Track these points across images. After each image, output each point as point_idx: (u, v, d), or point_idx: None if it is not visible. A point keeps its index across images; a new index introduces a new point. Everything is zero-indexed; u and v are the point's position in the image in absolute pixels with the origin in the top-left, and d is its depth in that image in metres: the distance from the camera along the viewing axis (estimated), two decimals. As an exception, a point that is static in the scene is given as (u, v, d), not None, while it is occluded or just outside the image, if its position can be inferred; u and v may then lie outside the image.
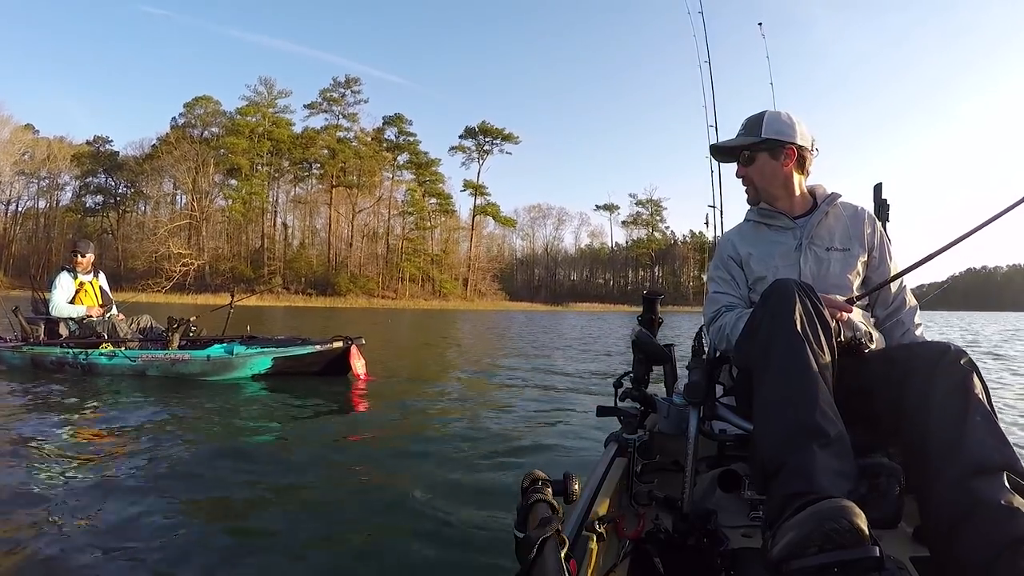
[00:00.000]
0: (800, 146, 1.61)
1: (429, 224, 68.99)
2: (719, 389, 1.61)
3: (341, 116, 66.03)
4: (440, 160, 70.27)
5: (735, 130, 1.71)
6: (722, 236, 1.93)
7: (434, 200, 69.83)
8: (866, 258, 1.61)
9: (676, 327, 18.02)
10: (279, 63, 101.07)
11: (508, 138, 70.35)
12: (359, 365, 5.92)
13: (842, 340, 1.34)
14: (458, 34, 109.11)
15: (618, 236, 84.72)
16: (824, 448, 1.06)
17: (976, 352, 10.69)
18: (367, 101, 66.77)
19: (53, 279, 6.14)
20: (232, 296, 7.17)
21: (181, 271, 51.32)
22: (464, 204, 73.25)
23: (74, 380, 5.52)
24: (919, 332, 1.62)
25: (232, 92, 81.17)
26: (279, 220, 64.67)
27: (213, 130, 61.98)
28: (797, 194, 1.65)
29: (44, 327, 6.17)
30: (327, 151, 63.88)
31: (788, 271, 1.59)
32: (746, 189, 1.72)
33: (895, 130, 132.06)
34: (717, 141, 1.81)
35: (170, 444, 3.38)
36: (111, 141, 63.73)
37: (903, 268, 1.55)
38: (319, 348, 5.89)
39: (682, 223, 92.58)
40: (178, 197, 61.89)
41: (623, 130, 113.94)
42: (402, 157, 68.84)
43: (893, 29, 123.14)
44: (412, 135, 68.90)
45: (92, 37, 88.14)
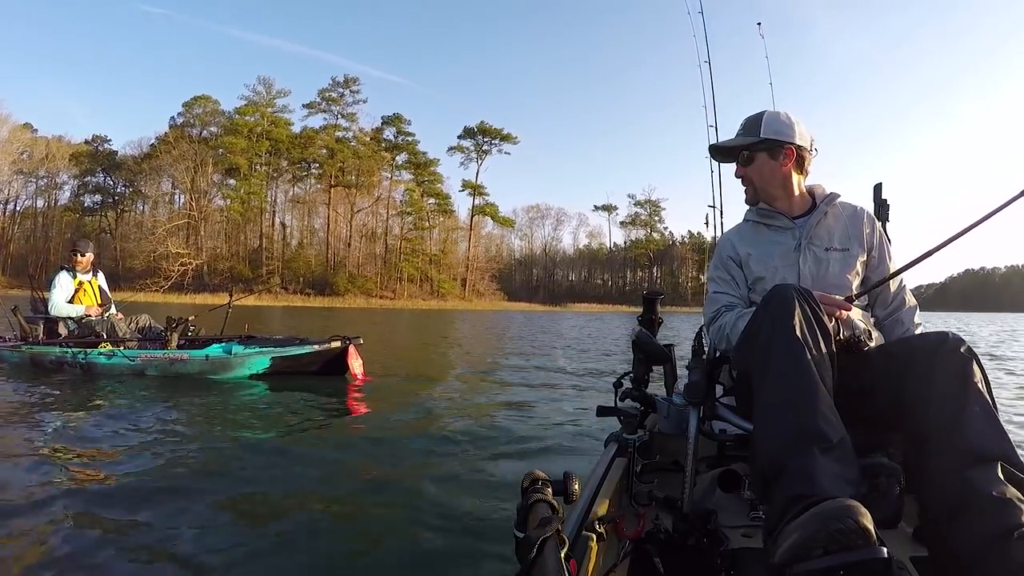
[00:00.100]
0: (799, 146, 1.61)
1: (427, 224, 68.86)
2: (719, 389, 1.61)
3: (340, 116, 65.97)
4: (439, 160, 70.32)
5: (735, 130, 1.71)
6: (721, 236, 1.93)
7: (433, 200, 69.75)
8: (865, 258, 1.61)
9: (674, 327, 18.04)
10: (278, 63, 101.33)
11: (507, 138, 70.39)
12: (357, 365, 5.93)
13: (841, 339, 1.34)
14: (458, 34, 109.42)
15: (616, 236, 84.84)
16: (826, 452, 1.04)
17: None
18: (366, 101, 66.73)
19: (52, 279, 6.13)
20: (230, 296, 7.17)
21: (179, 271, 51.23)
22: (463, 204, 73.33)
23: (73, 379, 5.51)
24: (919, 332, 1.62)
25: (231, 92, 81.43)
26: (277, 220, 64.57)
27: (212, 129, 61.85)
28: (796, 194, 1.65)
29: (43, 326, 6.17)
30: (326, 151, 63.75)
31: (787, 271, 1.59)
32: (745, 189, 1.72)
33: (895, 131, 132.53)
34: (717, 141, 1.81)
35: (169, 444, 3.38)
36: (109, 140, 63.66)
37: (902, 266, 1.54)
38: (317, 348, 5.89)
39: (680, 224, 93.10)
40: (176, 197, 61.79)
41: (622, 131, 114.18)
42: (401, 157, 68.83)
43: (893, 30, 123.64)
44: (411, 135, 68.95)
45: (91, 36, 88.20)
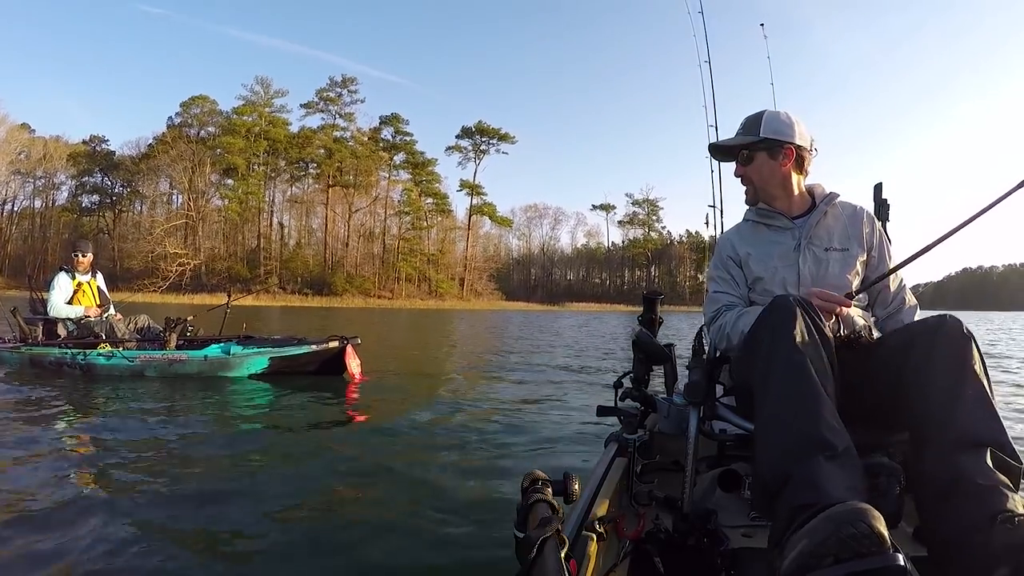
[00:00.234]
0: (799, 146, 1.61)
1: (425, 224, 68.89)
2: (719, 389, 1.61)
3: (338, 116, 66.00)
4: (436, 160, 70.36)
5: (735, 130, 1.71)
6: (721, 236, 1.93)
7: (430, 200, 69.78)
8: (865, 258, 1.61)
9: (673, 326, 18.06)
10: (276, 62, 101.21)
11: (504, 138, 70.43)
12: (354, 365, 5.93)
13: (842, 335, 1.34)
14: (458, 34, 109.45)
15: (614, 236, 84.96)
16: (831, 460, 1.01)
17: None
18: (364, 101, 67.10)
19: (51, 280, 6.13)
20: (229, 296, 7.15)
21: (177, 271, 51.09)
22: (460, 204, 73.30)
23: (73, 380, 5.49)
24: None
25: (229, 91, 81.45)
26: (275, 220, 64.45)
27: (209, 129, 61.74)
28: (795, 194, 1.65)
29: (42, 327, 6.16)
30: (323, 151, 63.72)
31: (787, 271, 1.59)
32: (745, 189, 1.72)
33: (896, 131, 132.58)
34: (717, 140, 1.81)
35: (169, 444, 3.37)
36: (107, 140, 63.52)
37: (900, 261, 1.52)
38: (315, 348, 5.89)
39: (679, 224, 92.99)
40: (174, 197, 61.67)
41: (621, 131, 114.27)
42: (398, 157, 68.87)
43: (893, 30, 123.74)
44: (409, 135, 68.98)
45: (90, 37, 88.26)
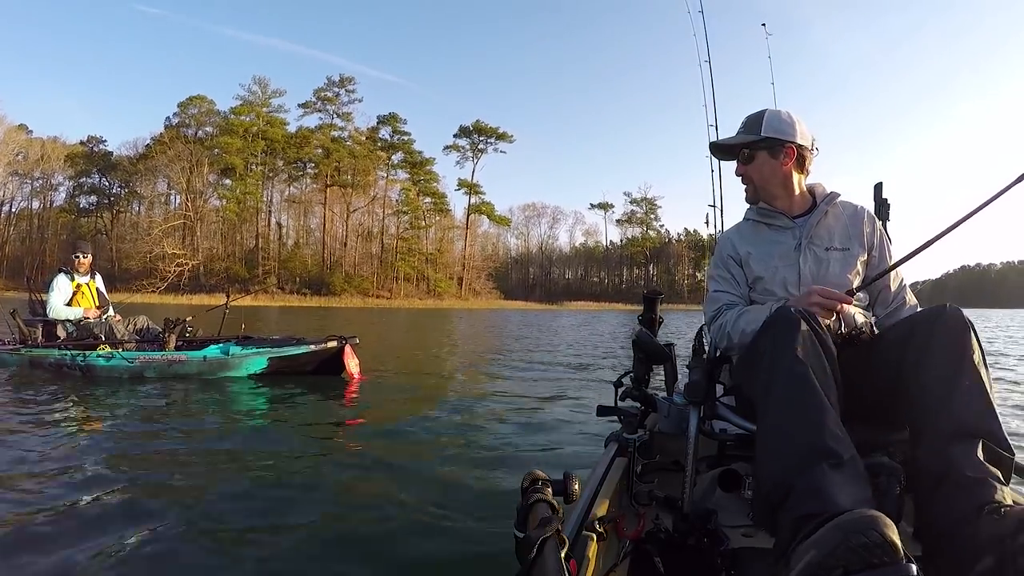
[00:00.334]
0: (800, 145, 1.60)
1: (424, 223, 68.80)
2: (719, 389, 1.61)
3: (335, 115, 65.89)
4: (434, 159, 70.29)
5: (735, 130, 1.71)
6: (721, 235, 1.93)
7: (429, 199, 69.74)
8: (866, 257, 1.60)
9: (671, 325, 18.09)
10: (273, 62, 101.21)
11: (502, 137, 70.38)
12: (353, 364, 5.93)
13: (843, 332, 1.34)
14: (457, 34, 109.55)
15: (612, 234, 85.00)
16: (836, 468, 0.98)
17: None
18: (361, 100, 66.98)
19: (50, 281, 6.13)
20: (227, 297, 7.15)
21: (176, 271, 51.05)
22: (459, 203, 73.34)
23: (73, 382, 5.49)
24: None
25: (226, 92, 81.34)
26: (273, 220, 64.36)
27: (207, 130, 61.65)
28: (796, 193, 1.65)
29: (42, 329, 6.16)
30: (321, 150, 63.63)
31: (788, 271, 1.59)
32: (745, 188, 1.71)
33: (896, 131, 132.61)
34: (717, 139, 1.80)
35: (169, 445, 3.38)
36: (105, 141, 63.41)
37: (899, 258, 1.50)
38: (314, 348, 5.89)
39: (678, 223, 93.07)
40: (172, 197, 61.66)
41: (619, 131, 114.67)
42: (396, 156, 68.79)
43: (893, 30, 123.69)
44: (406, 134, 68.88)
45: (88, 37, 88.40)
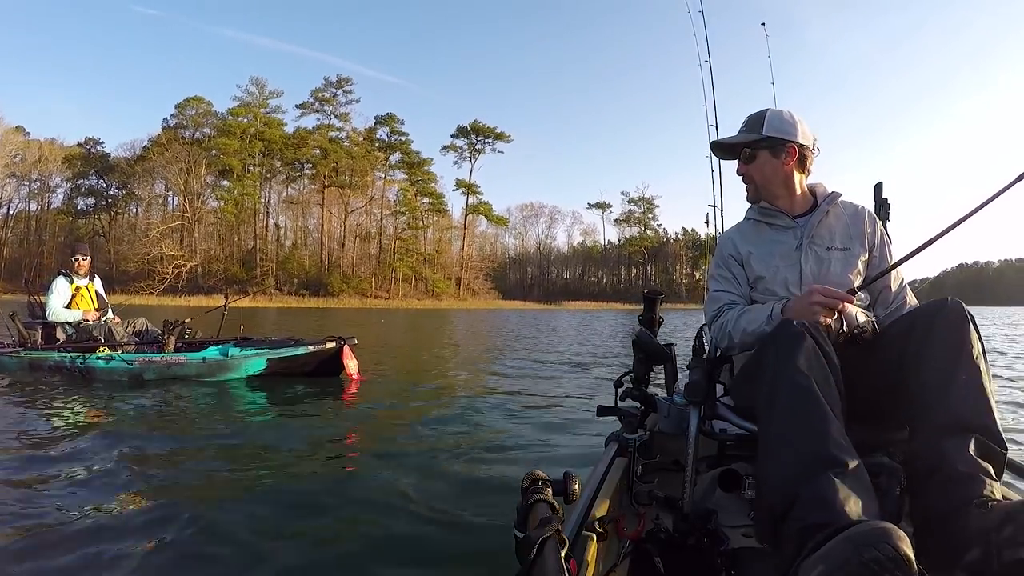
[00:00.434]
0: (801, 145, 1.60)
1: (421, 224, 68.87)
2: (719, 388, 1.61)
3: (333, 116, 65.97)
4: (432, 160, 70.30)
5: (735, 129, 1.71)
6: (722, 234, 1.92)
7: (426, 199, 69.83)
8: (867, 257, 1.60)
9: (670, 324, 18.05)
10: (271, 63, 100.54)
11: (500, 137, 70.46)
12: (352, 365, 5.93)
13: (844, 331, 1.34)
14: (456, 35, 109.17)
15: (610, 234, 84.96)
16: (842, 477, 0.96)
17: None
18: (359, 101, 66.85)
19: (49, 284, 6.13)
20: (226, 298, 7.14)
21: (173, 273, 51.09)
22: (456, 203, 73.44)
23: (72, 384, 5.48)
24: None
25: (224, 93, 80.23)
26: (271, 221, 64.42)
27: (205, 131, 61.59)
28: (798, 193, 1.65)
29: (41, 332, 6.16)
30: (319, 151, 63.64)
31: (789, 271, 1.59)
32: (746, 187, 1.71)
33: (895, 129, 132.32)
34: (718, 138, 1.80)
35: (169, 446, 3.37)
36: (102, 143, 63.20)
37: (899, 258, 1.50)
38: (312, 349, 5.89)
39: (676, 222, 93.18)
40: (170, 198, 61.75)
41: (619, 131, 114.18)
42: (394, 157, 68.80)
43: (893, 29, 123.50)
44: (404, 135, 68.89)
45: (85, 39, 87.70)
